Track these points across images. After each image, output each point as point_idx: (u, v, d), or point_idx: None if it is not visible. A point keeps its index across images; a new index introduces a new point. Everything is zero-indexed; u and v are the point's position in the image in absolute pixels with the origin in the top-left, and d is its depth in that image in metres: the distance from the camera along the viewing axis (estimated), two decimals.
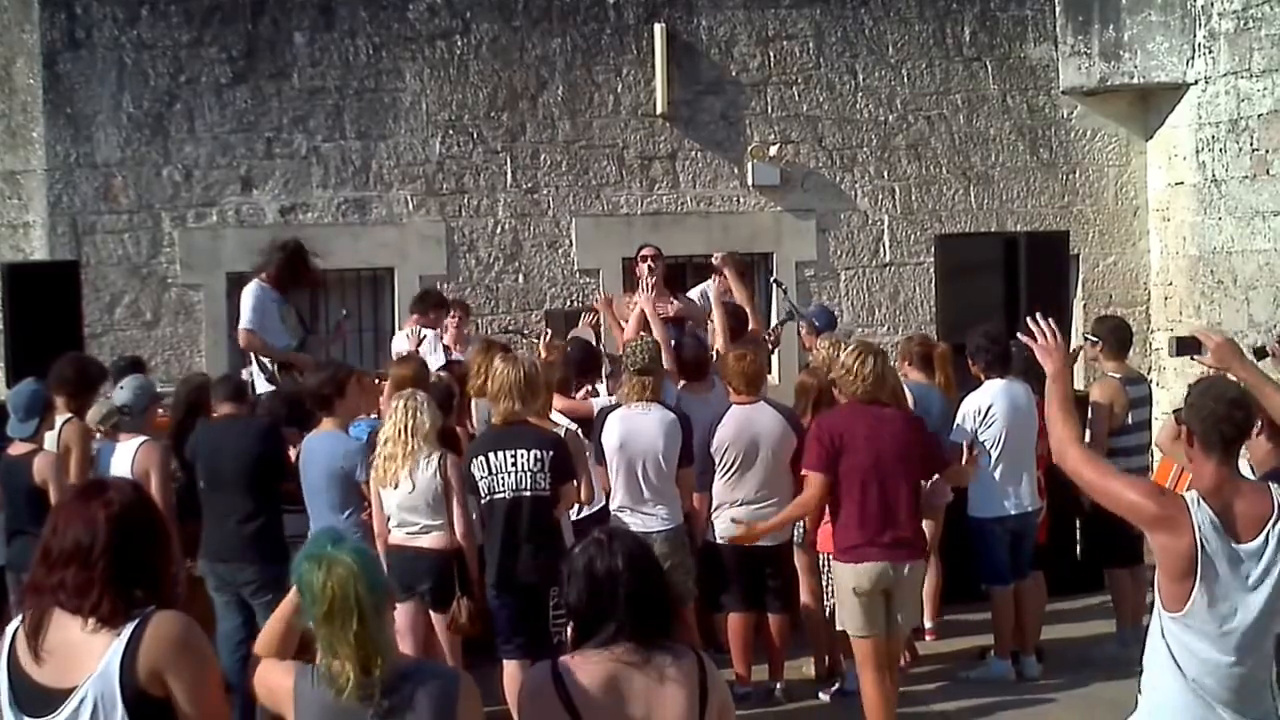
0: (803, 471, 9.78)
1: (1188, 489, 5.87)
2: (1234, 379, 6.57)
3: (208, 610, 10.48)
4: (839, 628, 9.91)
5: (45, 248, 15.16)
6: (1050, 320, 6.34)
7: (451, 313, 14.16)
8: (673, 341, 12.06)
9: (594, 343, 13.13)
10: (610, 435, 10.24)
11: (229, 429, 10.17)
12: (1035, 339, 6.29)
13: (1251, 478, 6.72)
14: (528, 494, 9.43)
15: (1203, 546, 5.63)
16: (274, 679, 5.08)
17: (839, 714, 10.43)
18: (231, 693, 9.70)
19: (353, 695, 4.74)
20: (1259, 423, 7.60)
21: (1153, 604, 5.91)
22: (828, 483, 9.43)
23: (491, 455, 9.47)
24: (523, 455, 9.41)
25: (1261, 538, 5.70)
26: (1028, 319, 6.44)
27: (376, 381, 11.73)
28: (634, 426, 10.22)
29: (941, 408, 11.64)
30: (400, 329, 14.65)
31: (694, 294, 14.39)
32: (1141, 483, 6.06)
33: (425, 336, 13.60)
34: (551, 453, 9.48)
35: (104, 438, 10.42)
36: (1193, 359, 7.43)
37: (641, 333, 12.10)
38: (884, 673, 9.51)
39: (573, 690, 4.93)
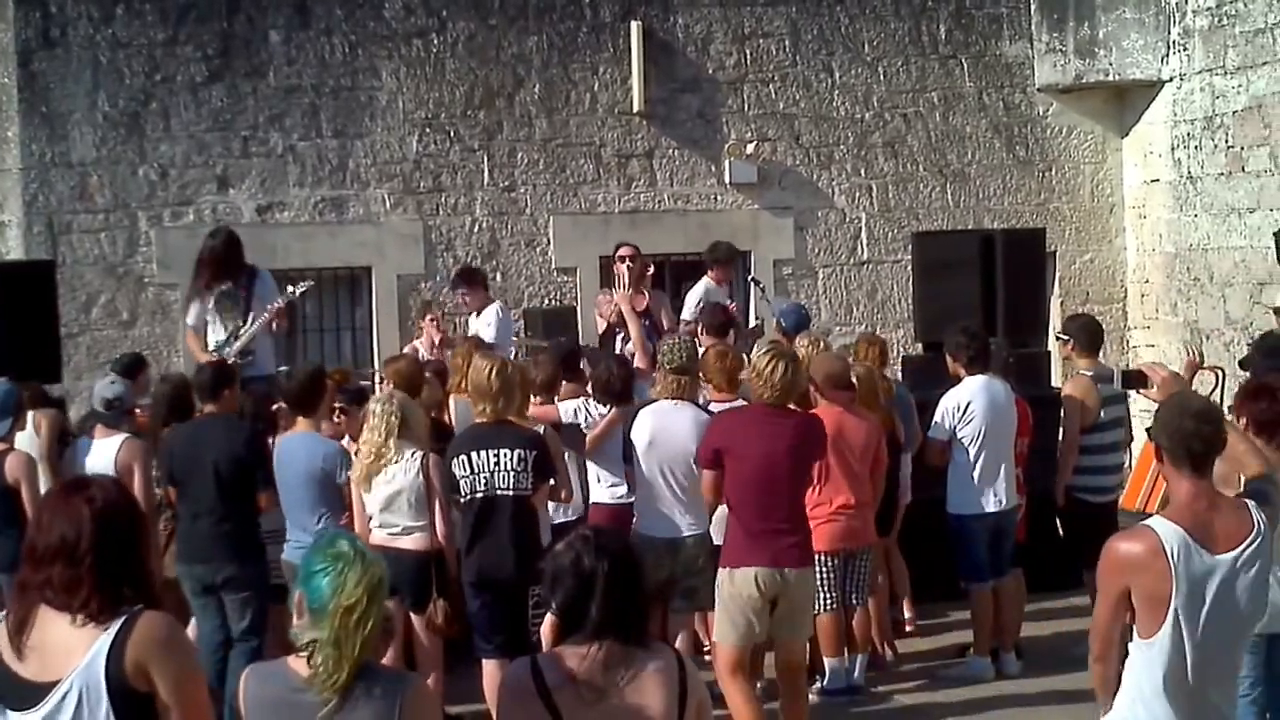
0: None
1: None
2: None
3: (178, 613, 10.46)
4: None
5: (21, 247, 15.11)
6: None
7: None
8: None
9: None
10: (641, 430, 10.09)
11: (209, 428, 10.09)
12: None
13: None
14: (510, 493, 9.40)
15: (1178, 576, 5.59)
16: None
17: (819, 712, 10.41)
18: (212, 695, 9.79)
19: (326, 692, 4.74)
20: (1244, 419, 7.63)
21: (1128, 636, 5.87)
22: (717, 477, 9.25)
23: (474, 454, 9.43)
24: (505, 454, 9.38)
25: (1239, 549, 5.68)
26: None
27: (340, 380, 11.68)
28: (665, 424, 10.06)
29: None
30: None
31: (693, 297, 14.51)
32: (1100, 575, 5.93)
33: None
34: (535, 452, 9.46)
35: (83, 434, 10.41)
36: (1138, 393, 7.42)
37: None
38: (747, 678, 9.31)
39: (553, 686, 4.93)
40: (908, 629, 12.22)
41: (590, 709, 4.95)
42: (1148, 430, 6.09)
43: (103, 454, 10.11)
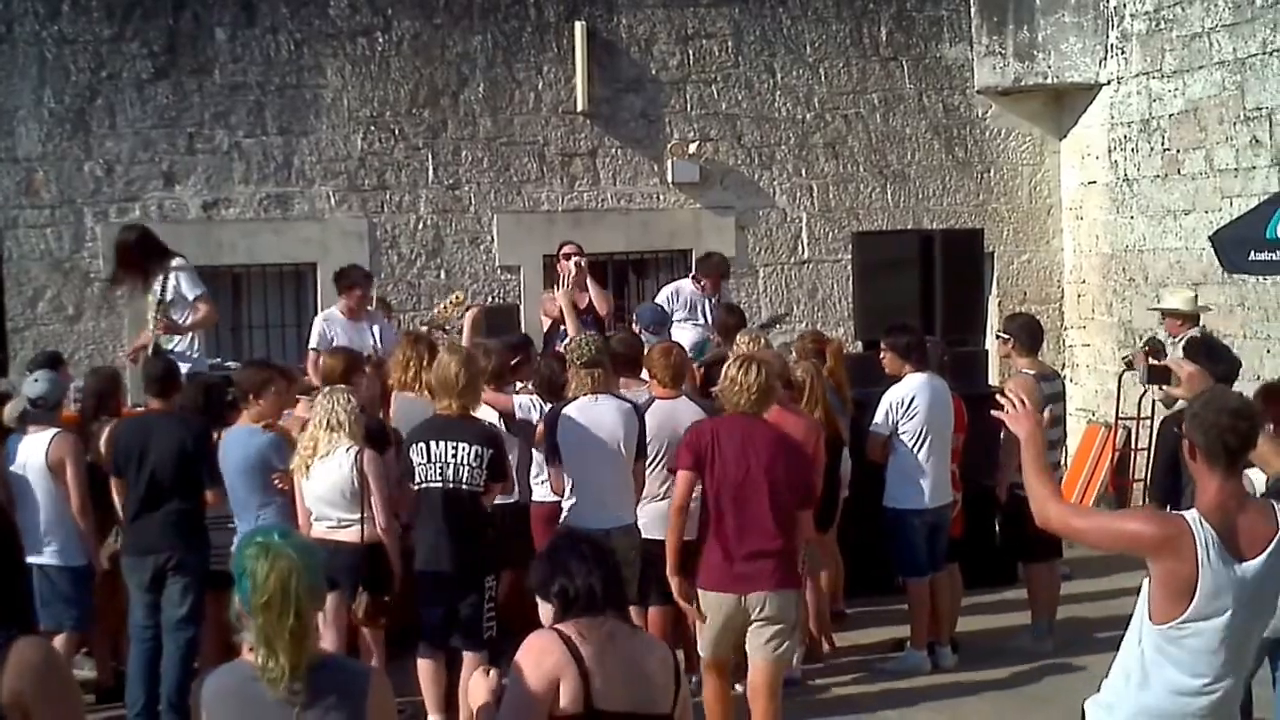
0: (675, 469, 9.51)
1: (1186, 510, 5.73)
2: (1237, 390, 6.43)
3: (117, 603, 10.56)
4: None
5: None
6: (1020, 391, 6.34)
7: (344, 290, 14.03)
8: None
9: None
10: (568, 429, 10.03)
11: (158, 423, 10.13)
12: (1006, 411, 6.24)
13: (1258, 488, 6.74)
14: (464, 487, 9.51)
15: (1205, 568, 5.51)
16: None
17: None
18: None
19: (281, 689, 4.71)
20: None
21: (1130, 614, 5.82)
22: (691, 478, 9.12)
23: (432, 444, 9.54)
24: (463, 449, 9.49)
25: (1264, 557, 5.59)
26: (999, 395, 6.42)
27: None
28: (589, 419, 10.03)
29: (835, 399, 11.84)
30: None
31: (665, 291, 14.68)
32: (1135, 512, 5.96)
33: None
34: (492, 451, 9.57)
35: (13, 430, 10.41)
36: (1162, 389, 7.47)
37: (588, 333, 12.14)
38: (726, 677, 9.32)
39: (581, 649, 5.22)
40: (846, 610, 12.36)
41: (613, 672, 5.24)
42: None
43: (33, 450, 10.15)
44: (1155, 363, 7.56)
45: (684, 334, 14.08)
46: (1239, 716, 6.02)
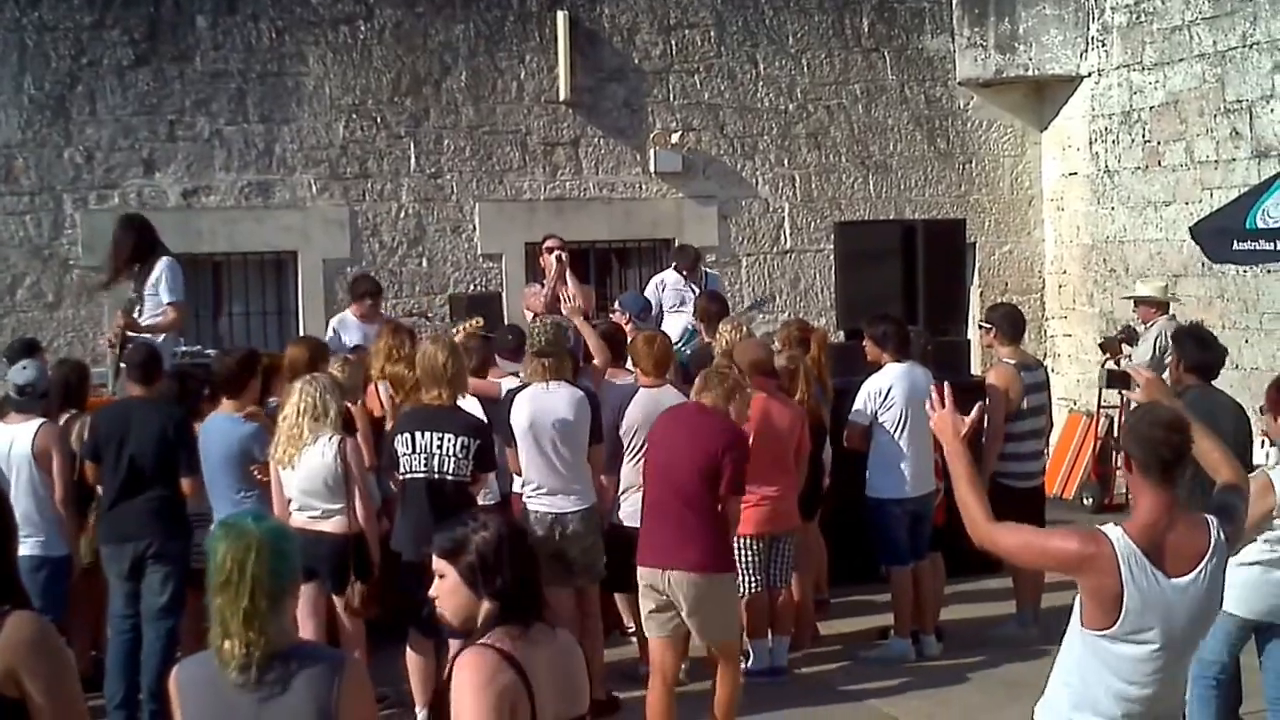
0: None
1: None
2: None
3: (97, 597, 10.49)
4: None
5: None
6: (947, 389, 6.27)
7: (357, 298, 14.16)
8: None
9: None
10: (519, 415, 10.07)
11: (138, 410, 10.07)
12: (931, 414, 6.23)
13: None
14: (450, 478, 9.48)
15: (1130, 585, 5.48)
16: None
17: (742, 692, 10.51)
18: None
19: (234, 672, 4.61)
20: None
21: (1070, 608, 5.81)
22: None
23: (418, 434, 9.52)
24: (449, 440, 9.47)
25: (1194, 574, 5.56)
26: (931, 388, 6.39)
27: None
28: (541, 405, 10.03)
29: (818, 388, 11.86)
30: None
31: (653, 283, 14.66)
32: (1059, 531, 5.89)
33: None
34: (478, 442, 9.55)
35: None
36: (1121, 393, 7.51)
37: (541, 315, 12.14)
38: (670, 676, 9.26)
39: (525, 667, 4.83)
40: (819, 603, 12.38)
41: (550, 690, 4.89)
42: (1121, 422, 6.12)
43: (19, 439, 10.09)
44: (1114, 368, 7.62)
45: (674, 322, 14.12)
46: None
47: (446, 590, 4.98)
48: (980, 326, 12.95)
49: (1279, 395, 8.50)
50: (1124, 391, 7.27)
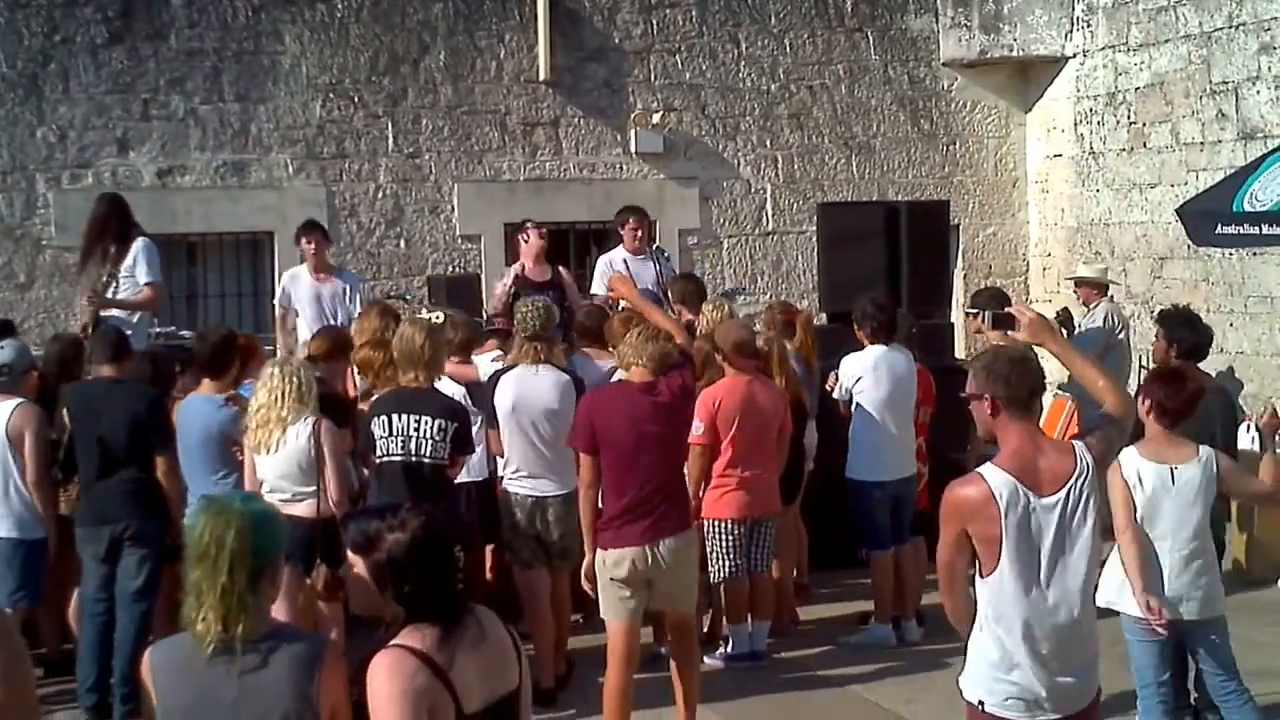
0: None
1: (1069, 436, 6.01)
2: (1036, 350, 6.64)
3: (70, 576, 10.36)
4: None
5: None
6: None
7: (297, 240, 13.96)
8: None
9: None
10: (503, 397, 9.98)
11: (111, 391, 9.94)
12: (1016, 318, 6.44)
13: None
14: (427, 460, 9.38)
15: (1004, 507, 5.86)
16: None
17: (722, 678, 10.42)
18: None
19: (213, 650, 4.61)
20: None
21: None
22: (594, 463, 8.87)
23: (394, 416, 9.40)
24: (426, 422, 9.36)
25: (1063, 492, 5.93)
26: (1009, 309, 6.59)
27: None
28: (527, 388, 9.96)
29: (804, 371, 11.75)
30: None
31: (600, 266, 14.42)
32: (947, 523, 6.13)
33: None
34: (456, 424, 9.44)
35: None
36: (1006, 334, 7.48)
37: (533, 298, 11.99)
38: (629, 664, 8.99)
39: (444, 664, 4.74)
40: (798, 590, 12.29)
41: (477, 689, 4.80)
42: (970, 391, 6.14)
43: None
44: (999, 311, 7.62)
45: None
46: (1093, 644, 6.22)
47: (353, 580, 4.98)
48: (967, 313, 12.84)
49: None
50: (1009, 332, 7.17)
